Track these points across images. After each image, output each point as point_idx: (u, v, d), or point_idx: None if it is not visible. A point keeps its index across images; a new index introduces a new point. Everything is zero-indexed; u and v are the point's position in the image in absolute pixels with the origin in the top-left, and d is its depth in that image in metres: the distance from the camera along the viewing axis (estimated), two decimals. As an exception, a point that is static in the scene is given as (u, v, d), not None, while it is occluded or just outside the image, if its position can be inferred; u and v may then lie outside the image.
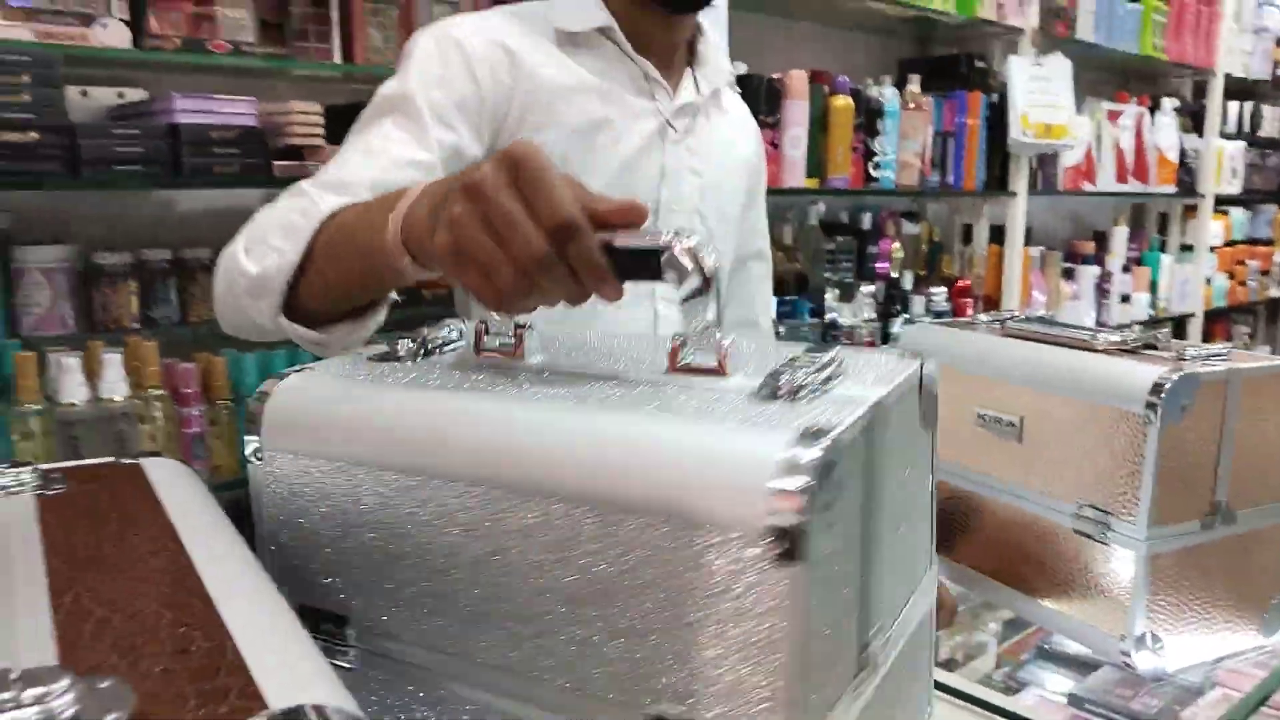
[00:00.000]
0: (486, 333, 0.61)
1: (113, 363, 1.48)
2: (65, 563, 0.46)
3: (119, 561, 0.47)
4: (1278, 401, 1.00)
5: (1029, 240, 3.04)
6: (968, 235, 2.93)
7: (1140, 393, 0.93)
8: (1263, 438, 1.00)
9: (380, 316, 0.82)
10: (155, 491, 0.57)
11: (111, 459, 0.64)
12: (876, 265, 2.62)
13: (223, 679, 0.35)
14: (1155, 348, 1.03)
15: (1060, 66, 2.71)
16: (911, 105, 2.50)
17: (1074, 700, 1.13)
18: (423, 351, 0.64)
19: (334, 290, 0.79)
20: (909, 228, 2.76)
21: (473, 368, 0.60)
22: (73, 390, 1.44)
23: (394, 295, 0.83)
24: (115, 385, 1.47)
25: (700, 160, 1.17)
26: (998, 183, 2.77)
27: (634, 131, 1.10)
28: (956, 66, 2.69)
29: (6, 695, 0.32)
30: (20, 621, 0.38)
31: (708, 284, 0.51)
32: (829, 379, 0.52)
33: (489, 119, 1.03)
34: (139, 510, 0.54)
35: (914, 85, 2.51)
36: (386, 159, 0.95)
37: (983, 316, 1.25)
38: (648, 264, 0.53)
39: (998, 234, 2.88)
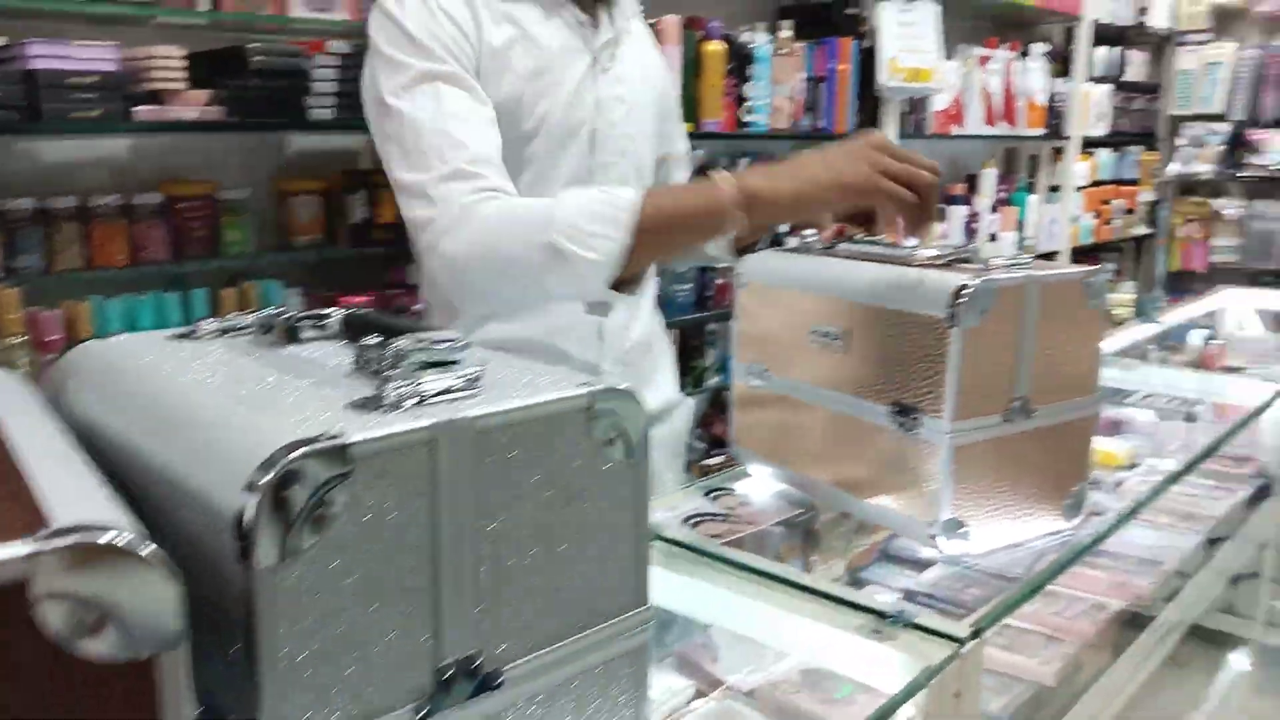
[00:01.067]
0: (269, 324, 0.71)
1: (-25, 310, 1.48)
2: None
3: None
4: (1072, 307, 1.09)
5: (901, 182, 3.14)
6: (843, 178, 3.02)
7: (943, 299, 1.00)
8: (1059, 340, 1.08)
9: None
10: (-15, 392, 0.61)
11: (-50, 372, 0.67)
12: (754, 208, 2.69)
13: (19, 514, 0.40)
14: (969, 261, 1.12)
15: (927, 11, 2.81)
16: (783, 51, 2.57)
17: (909, 595, 1.23)
18: (222, 332, 0.72)
19: (650, 259, 1.05)
20: (786, 171, 2.83)
21: (223, 348, 0.68)
22: (-65, 337, 1.44)
23: None
24: (-22, 332, 1.48)
25: (624, 87, 1.29)
26: (869, 126, 2.87)
27: (571, 71, 1.22)
28: (829, 13, 2.77)
29: None
30: None
31: None
32: (449, 391, 0.54)
33: (473, 67, 1.15)
34: (-35, 404, 0.58)
35: (786, 31, 2.58)
36: (480, 126, 1.11)
37: (816, 243, 1.33)
38: None
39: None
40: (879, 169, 1.01)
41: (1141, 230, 4.56)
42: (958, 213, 3.36)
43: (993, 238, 3.52)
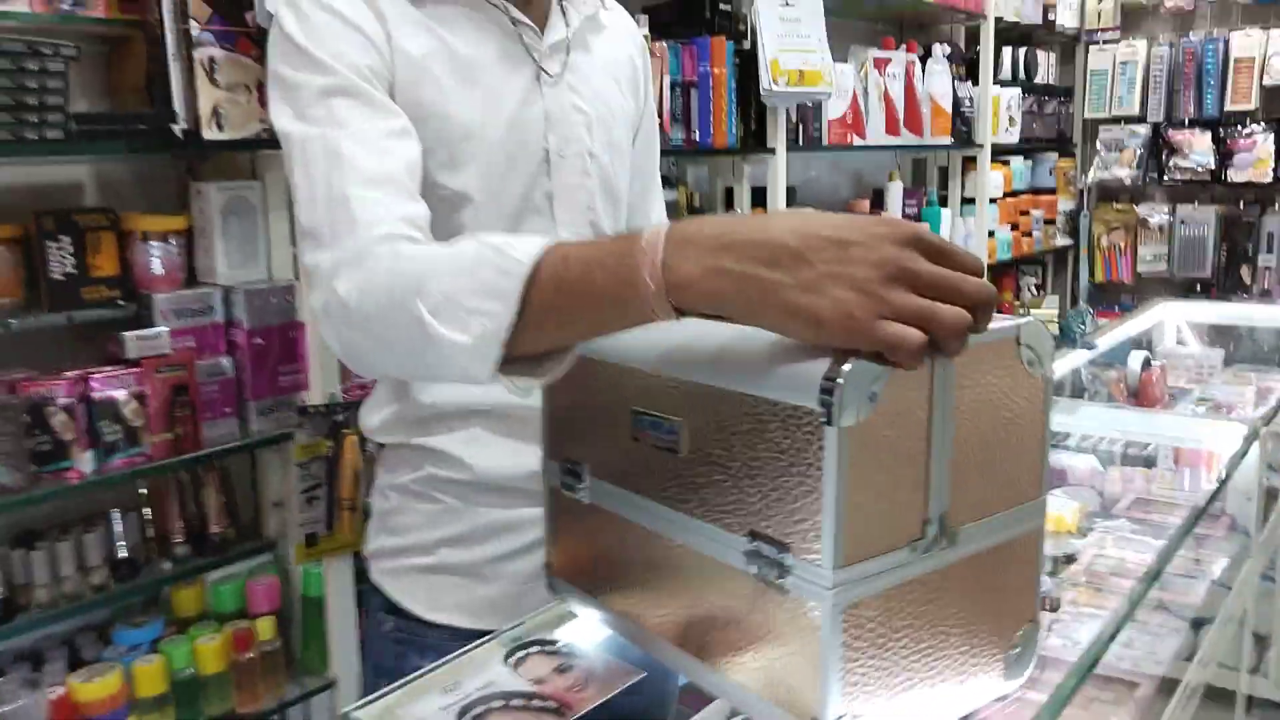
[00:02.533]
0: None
1: None
2: None
3: None
4: (1003, 375, 0.72)
5: (795, 200, 2.80)
6: (730, 199, 2.67)
7: (811, 380, 0.63)
8: (988, 427, 0.72)
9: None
10: None
11: None
12: (629, 237, 2.32)
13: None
14: None
15: (811, 5, 2.47)
16: (645, 53, 2.20)
17: None
18: None
19: (546, 340, 0.78)
20: (665, 194, 2.48)
21: None
22: None
23: None
24: None
25: (583, 98, 1.10)
26: (755, 139, 2.51)
27: (510, 85, 1.04)
28: (695, 9, 2.40)
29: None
30: None
31: None
32: None
33: (386, 81, 0.98)
34: None
35: (642, 28, 2.21)
36: (379, 140, 0.93)
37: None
38: None
39: (762, 196, 2.63)
40: (886, 310, 0.62)
41: (1062, 241, 4.29)
42: (864, 232, 3.00)
43: (904, 258, 3.17)
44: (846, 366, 0.62)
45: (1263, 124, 3.84)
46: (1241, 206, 3.96)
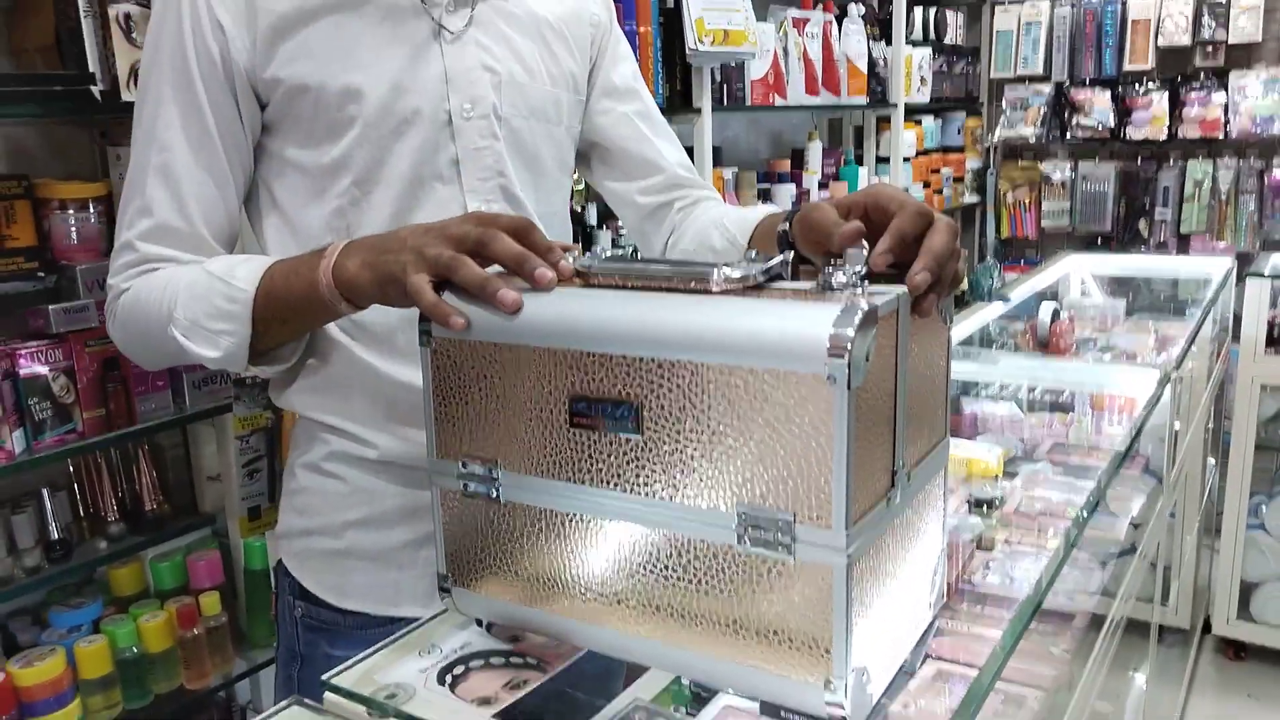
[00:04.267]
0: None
1: None
2: None
3: None
4: (924, 323, 0.76)
5: (720, 161, 2.83)
6: (657, 160, 2.68)
7: (815, 346, 0.64)
8: (916, 372, 0.76)
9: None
10: None
11: None
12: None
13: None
14: (782, 277, 0.77)
15: (733, -33, 2.48)
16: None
17: (767, 709, 0.88)
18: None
19: (279, 339, 0.98)
20: (591, 156, 2.47)
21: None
22: None
23: None
24: None
25: (495, 57, 1.04)
26: (681, 99, 2.52)
27: (399, 42, 0.99)
28: (622, -30, 2.39)
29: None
30: None
31: None
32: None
33: (243, 67, 0.97)
34: None
35: (571, -10, 2.19)
36: (189, 176, 0.97)
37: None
38: None
39: (690, 156, 2.64)
40: (423, 265, 0.80)
41: (970, 199, 4.41)
42: (784, 192, 3.05)
43: (825, 217, 3.22)
44: (849, 330, 0.64)
45: (1158, 83, 3.99)
46: (1139, 162, 4.12)
